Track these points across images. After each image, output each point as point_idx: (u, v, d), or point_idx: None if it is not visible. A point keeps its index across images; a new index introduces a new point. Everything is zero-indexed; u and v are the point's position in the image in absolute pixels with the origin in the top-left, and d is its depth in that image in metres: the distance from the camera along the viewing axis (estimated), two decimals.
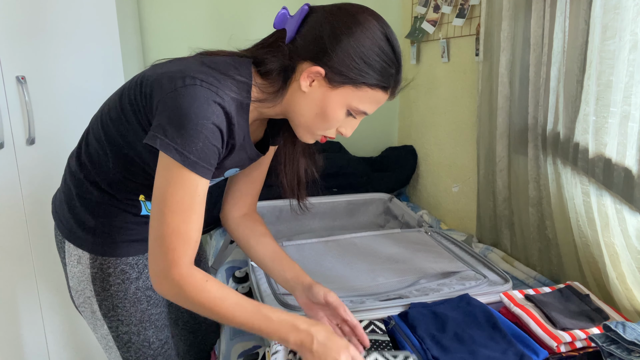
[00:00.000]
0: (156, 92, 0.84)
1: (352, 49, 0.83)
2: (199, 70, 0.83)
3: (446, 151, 2.09)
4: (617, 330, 0.90)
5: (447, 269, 1.29)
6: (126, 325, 1.06)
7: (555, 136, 1.34)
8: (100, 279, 1.01)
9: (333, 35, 0.83)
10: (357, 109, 0.88)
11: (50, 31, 1.63)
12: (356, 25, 0.83)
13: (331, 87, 0.85)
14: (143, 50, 2.17)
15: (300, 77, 0.86)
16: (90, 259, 1.01)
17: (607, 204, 1.15)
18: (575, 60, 1.23)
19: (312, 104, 0.87)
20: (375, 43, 0.84)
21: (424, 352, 0.94)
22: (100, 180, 0.97)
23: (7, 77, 1.61)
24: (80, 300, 1.05)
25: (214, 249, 1.88)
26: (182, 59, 0.92)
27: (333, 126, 0.90)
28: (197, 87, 0.80)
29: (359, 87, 0.85)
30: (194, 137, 0.79)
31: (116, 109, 0.93)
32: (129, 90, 0.91)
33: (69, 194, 1.02)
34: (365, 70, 0.84)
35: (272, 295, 1.14)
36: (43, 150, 1.70)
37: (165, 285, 0.83)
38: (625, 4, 1.04)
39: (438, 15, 2.01)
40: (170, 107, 0.80)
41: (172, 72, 0.84)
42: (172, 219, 0.81)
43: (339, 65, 0.83)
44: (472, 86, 1.84)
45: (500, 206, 1.65)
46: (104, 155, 0.96)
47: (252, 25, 2.26)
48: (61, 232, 1.03)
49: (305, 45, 0.86)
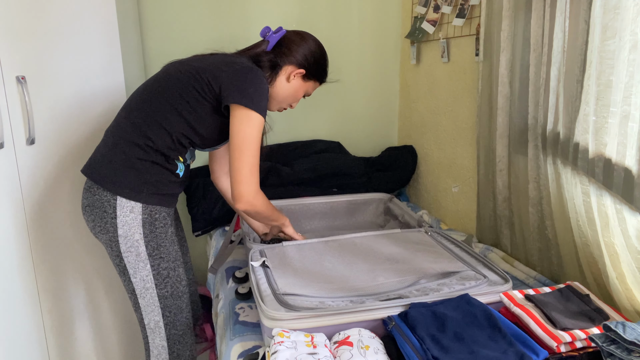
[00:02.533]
0: (222, 74, 1.29)
1: (321, 62, 1.47)
2: (232, 61, 1.34)
3: (446, 151, 2.09)
4: (617, 330, 0.90)
5: (447, 269, 1.29)
6: (166, 261, 1.35)
7: (555, 136, 1.34)
8: (149, 223, 1.31)
9: (311, 53, 1.44)
10: (308, 93, 1.52)
11: (50, 31, 1.63)
12: (318, 44, 1.47)
13: (304, 81, 1.46)
14: (143, 50, 2.17)
15: (289, 74, 1.43)
16: (142, 207, 1.30)
17: (607, 204, 1.15)
18: (575, 60, 1.23)
19: (290, 88, 1.45)
20: (326, 57, 1.49)
21: (424, 352, 0.94)
22: (162, 147, 1.31)
23: (7, 77, 1.61)
24: (128, 245, 1.30)
25: (214, 249, 1.88)
26: (209, 55, 1.41)
27: (294, 102, 1.50)
28: (245, 67, 1.31)
29: (315, 82, 1.49)
30: (262, 96, 1.28)
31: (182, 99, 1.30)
32: (187, 82, 1.30)
33: (128, 160, 1.30)
34: (323, 74, 1.50)
35: (272, 295, 1.14)
36: (43, 150, 1.70)
37: (258, 201, 1.31)
38: (625, 4, 1.04)
39: (438, 15, 2.01)
40: (239, 78, 1.27)
41: (219, 61, 1.33)
42: (255, 155, 1.28)
43: (314, 71, 1.46)
44: (472, 86, 1.84)
45: (500, 206, 1.65)
46: (167, 134, 1.31)
47: (252, 25, 2.26)
48: (112, 191, 1.29)
49: (288, 54, 1.42)
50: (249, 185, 1.27)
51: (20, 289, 1.75)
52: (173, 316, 1.39)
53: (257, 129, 1.27)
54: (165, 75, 1.35)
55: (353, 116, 2.51)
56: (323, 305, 1.11)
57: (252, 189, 1.28)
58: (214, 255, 1.78)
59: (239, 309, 1.34)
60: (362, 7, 2.40)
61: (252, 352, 1.10)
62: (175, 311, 1.39)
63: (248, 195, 1.28)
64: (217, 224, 2.03)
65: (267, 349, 0.99)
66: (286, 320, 1.05)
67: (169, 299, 1.37)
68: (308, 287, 1.21)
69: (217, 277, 1.66)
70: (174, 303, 1.38)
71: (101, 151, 1.36)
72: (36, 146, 1.69)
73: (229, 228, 1.82)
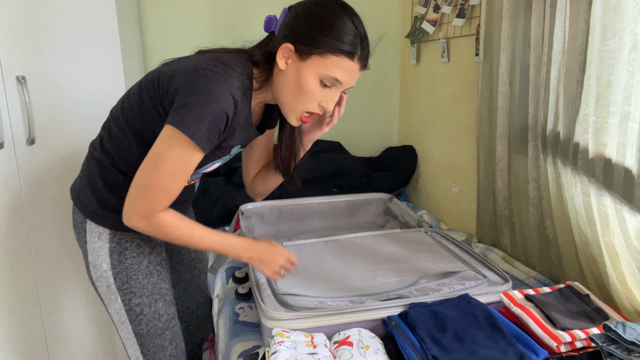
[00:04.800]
0: (173, 83, 0.98)
1: (313, 22, 0.97)
2: (209, 64, 0.98)
3: (446, 151, 2.09)
4: (617, 330, 0.90)
5: (447, 269, 1.29)
6: (139, 297, 1.18)
7: (555, 136, 1.34)
8: (118, 253, 1.15)
9: (298, 16, 0.99)
10: (327, 76, 0.99)
11: (50, 31, 1.63)
12: (322, 7, 0.99)
13: (301, 60, 0.98)
14: (143, 50, 2.17)
15: (277, 57, 1.00)
16: (110, 235, 1.14)
17: (607, 204, 1.15)
18: (575, 60, 1.23)
19: (290, 79, 1.01)
20: (335, 16, 0.97)
21: (424, 352, 0.94)
22: (124, 165, 1.10)
23: (7, 77, 1.61)
24: (98, 274, 1.16)
25: None
26: (189, 56, 1.07)
27: (312, 99, 1.02)
28: (208, 77, 0.96)
29: (324, 56, 0.97)
30: (203, 117, 0.94)
31: (137, 103, 1.06)
32: (146, 87, 1.04)
33: (92, 178, 1.14)
34: (325, 39, 0.96)
35: (272, 295, 1.14)
36: (43, 150, 1.70)
37: (142, 223, 1.01)
38: (625, 4, 1.04)
39: (438, 15, 2.01)
40: (185, 93, 0.96)
41: (185, 66, 0.99)
42: (164, 178, 0.98)
43: (303, 39, 0.97)
44: (472, 86, 1.84)
45: (500, 206, 1.65)
46: (128, 144, 1.08)
47: (252, 25, 2.26)
48: (82, 213, 1.15)
49: (280, 33, 1.01)
50: (132, 205, 1.00)
51: (20, 289, 1.75)
52: (153, 355, 1.23)
53: (178, 152, 0.96)
54: (138, 87, 1.10)
55: (353, 116, 2.51)
56: (323, 305, 1.11)
57: (134, 211, 1.00)
58: (214, 256, 1.78)
59: (239, 309, 1.34)
60: (362, 7, 2.39)
61: (252, 352, 1.10)
62: (155, 349, 1.23)
63: (125, 213, 1.02)
64: (217, 224, 2.03)
65: (267, 349, 0.99)
66: (286, 320, 1.05)
67: (145, 337, 1.21)
68: (308, 287, 1.21)
69: (217, 277, 1.66)
70: (152, 341, 1.22)
71: (82, 165, 1.22)
72: (36, 146, 1.69)
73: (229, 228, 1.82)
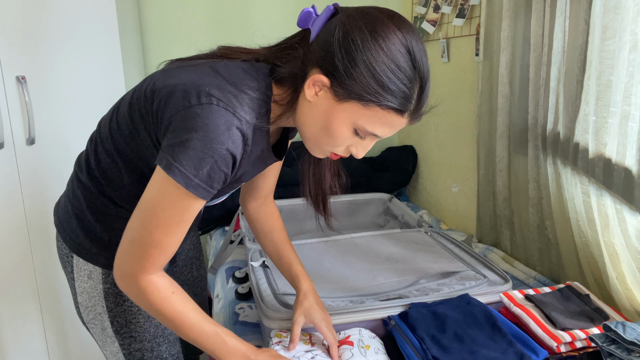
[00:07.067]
0: (168, 108, 0.77)
1: (363, 63, 0.73)
2: (214, 85, 0.76)
3: (446, 151, 2.09)
4: (617, 330, 0.90)
5: (447, 269, 1.29)
6: (139, 342, 1.01)
7: (555, 136, 1.34)
8: (114, 295, 0.97)
9: (344, 44, 0.74)
10: (364, 129, 0.78)
11: (50, 31, 1.63)
12: (373, 34, 0.73)
13: (337, 101, 0.77)
14: (143, 50, 2.17)
15: (306, 85, 0.78)
16: (102, 274, 0.96)
17: (607, 204, 1.15)
18: (575, 60, 1.23)
19: (317, 115, 0.80)
20: (392, 58, 0.73)
21: (424, 352, 0.94)
22: (115, 195, 0.91)
23: (7, 77, 1.61)
24: (90, 316, 1.00)
25: (214, 249, 1.88)
26: (194, 64, 0.85)
27: (339, 143, 0.82)
28: (213, 107, 0.74)
29: (367, 106, 0.75)
30: (203, 161, 0.73)
31: (127, 124, 0.86)
32: (138, 103, 0.84)
33: (78, 206, 0.94)
34: (375, 89, 0.74)
35: (272, 295, 1.14)
36: (43, 150, 1.70)
37: (130, 286, 0.81)
38: (625, 4, 1.04)
39: (438, 15, 2.01)
40: (182, 126, 0.74)
41: (185, 84, 0.77)
42: (156, 231, 0.77)
43: (346, 79, 0.74)
44: (472, 86, 1.84)
45: (500, 206, 1.65)
46: (118, 171, 0.89)
47: (252, 25, 2.26)
48: (68, 245, 0.96)
49: (316, 51, 0.78)
50: (119, 261, 0.81)
51: (20, 289, 1.75)
52: None
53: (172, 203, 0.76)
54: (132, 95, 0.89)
55: None
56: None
57: (119, 268, 0.81)
58: (214, 255, 1.78)
59: (239, 309, 1.34)
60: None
61: None
62: None
63: (116, 271, 0.82)
64: (217, 224, 2.02)
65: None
66: (286, 320, 1.05)
67: None
68: None
69: (217, 277, 1.65)
70: None
71: (67, 184, 1.00)
72: (36, 146, 1.69)
73: (229, 228, 1.82)
